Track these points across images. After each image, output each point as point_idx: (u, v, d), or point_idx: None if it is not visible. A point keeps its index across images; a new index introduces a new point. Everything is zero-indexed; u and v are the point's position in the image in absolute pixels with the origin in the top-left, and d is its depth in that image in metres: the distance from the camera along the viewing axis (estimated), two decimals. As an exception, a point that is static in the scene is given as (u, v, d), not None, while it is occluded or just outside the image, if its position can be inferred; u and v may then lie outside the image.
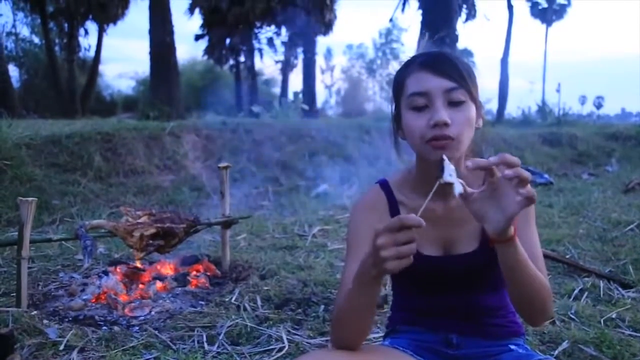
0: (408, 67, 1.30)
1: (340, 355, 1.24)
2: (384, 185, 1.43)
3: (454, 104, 1.23)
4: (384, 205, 1.39)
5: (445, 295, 1.40)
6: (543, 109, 15.52)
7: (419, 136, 1.24)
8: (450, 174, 1.12)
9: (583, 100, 16.41)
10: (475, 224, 1.34)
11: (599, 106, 15.78)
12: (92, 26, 27.30)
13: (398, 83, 1.32)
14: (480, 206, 1.14)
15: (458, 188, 1.12)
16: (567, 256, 3.64)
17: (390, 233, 1.01)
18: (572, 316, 2.57)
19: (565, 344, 2.23)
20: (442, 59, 1.26)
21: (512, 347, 1.40)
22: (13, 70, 26.55)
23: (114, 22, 25.72)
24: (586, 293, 2.92)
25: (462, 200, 1.15)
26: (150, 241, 2.86)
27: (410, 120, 1.26)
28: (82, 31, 26.63)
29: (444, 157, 1.13)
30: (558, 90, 15.80)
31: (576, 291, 2.93)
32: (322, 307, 2.74)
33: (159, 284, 3.02)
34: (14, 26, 29.31)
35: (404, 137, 1.33)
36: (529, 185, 1.06)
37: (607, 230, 4.42)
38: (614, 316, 2.56)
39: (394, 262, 1.01)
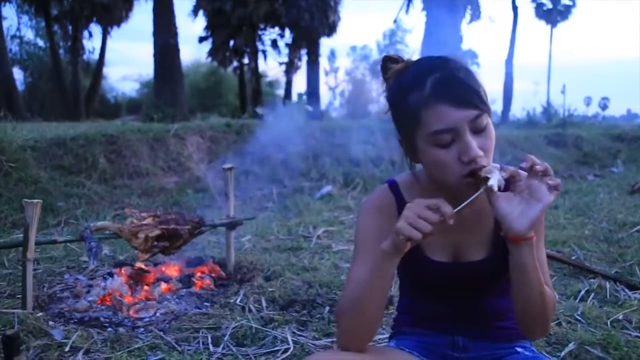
0: (420, 94, 1.17)
1: (346, 356, 1.23)
2: (393, 186, 1.39)
3: (479, 131, 1.17)
4: (392, 206, 1.35)
5: (452, 300, 1.40)
6: (548, 110, 15.51)
7: (451, 172, 1.18)
8: (498, 178, 1.16)
9: (588, 101, 16.39)
10: (485, 231, 1.34)
11: (604, 107, 15.75)
12: (96, 29, 27.41)
13: (412, 115, 1.19)
14: (506, 205, 1.16)
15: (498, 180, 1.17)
16: (573, 257, 3.63)
17: (421, 206, 1.10)
18: (579, 317, 2.56)
19: (571, 346, 2.22)
20: (457, 85, 1.16)
21: (519, 349, 1.39)
22: (18, 73, 26.66)
23: (118, 25, 25.78)
24: (592, 294, 2.91)
25: (487, 196, 1.17)
26: (155, 243, 2.86)
27: (438, 157, 1.18)
28: (86, 34, 26.70)
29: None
30: (563, 92, 15.83)
31: (582, 292, 2.92)
32: (327, 308, 2.73)
33: (163, 286, 3.03)
34: (18, 29, 29.53)
35: (419, 162, 1.28)
36: (553, 177, 1.14)
37: (613, 232, 4.41)
38: (620, 317, 2.55)
39: (410, 230, 1.09)
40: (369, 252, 1.26)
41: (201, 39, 26.40)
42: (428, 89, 1.16)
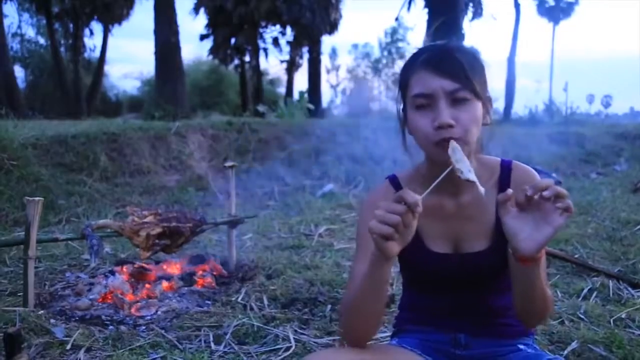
0: (412, 64, 1.28)
1: (348, 354, 1.24)
2: (393, 180, 1.43)
3: (458, 102, 1.22)
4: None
5: (453, 294, 1.40)
6: (550, 108, 15.48)
7: (424, 137, 1.25)
8: (469, 169, 1.14)
9: (591, 99, 16.29)
10: (487, 222, 1.34)
11: (607, 105, 15.66)
12: (97, 27, 27.45)
13: (403, 80, 1.31)
14: (515, 223, 1.14)
15: (481, 189, 1.13)
16: (576, 256, 3.63)
17: (388, 202, 1.08)
18: (581, 316, 2.56)
19: (574, 344, 2.22)
20: (446, 57, 1.24)
21: (521, 346, 1.40)
22: (19, 71, 26.70)
23: (119, 23, 25.83)
24: (595, 293, 2.91)
25: (500, 210, 1.16)
26: (157, 240, 2.87)
27: (415, 120, 1.26)
28: (87, 32, 26.79)
29: (455, 145, 1.15)
30: (565, 89, 15.71)
31: (585, 291, 2.92)
32: (329, 306, 2.73)
33: (165, 284, 3.03)
34: (19, 27, 29.59)
35: (411, 133, 1.33)
36: (566, 199, 1.08)
37: (616, 230, 4.40)
38: (623, 316, 2.55)
39: (380, 227, 1.06)
40: (369, 249, 1.26)
41: (202, 37, 26.42)
42: (420, 60, 1.27)
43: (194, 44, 79.02)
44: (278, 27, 27.02)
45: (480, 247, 1.34)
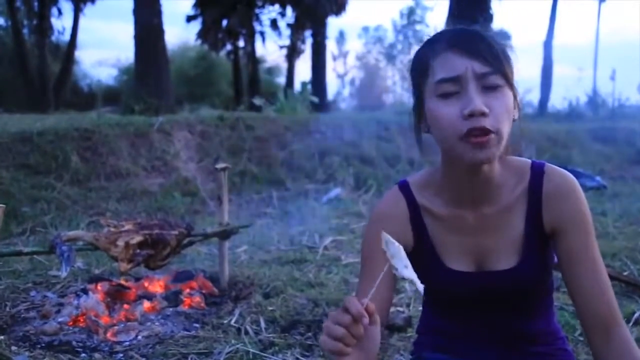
0: (433, 46, 1.25)
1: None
2: (404, 187, 1.39)
3: (489, 89, 1.19)
4: (403, 211, 1.36)
5: (478, 318, 1.39)
6: (594, 99, 15.46)
7: (450, 129, 1.19)
8: (405, 265, 1.07)
9: (643, 89, 16.26)
10: (514, 235, 1.32)
11: (661, 96, 15.63)
12: (66, 5, 27.56)
13: (421, 65, 1.27)
14: None
15: (420, 286, 1.07)
16: (625, 273, 3.62)
17: (334, 316, 1.05)
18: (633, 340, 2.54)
19: (623, 376, 2.21)
20: (474, 37, 1.22)
21: (559, 380, 1.39)
22: (-27, 57, 26.76)
23: (93, 1, 25.90)
24: (648, 316, 2.90)
25: None
26: (138, 250, 2.86)
27: (438, 110, 1.21)
28: (55, 11, 26.78)
29: (387, 237, 1.08)
30: (612, 78, 15.68)
31: (637, 315, 2.91)
32: (337, 331, 2.73)
33: (146, 304, 3.03)
34: (-26, 6, 29.58)
35: (428, 131, 1.28)
36: None
37: (672, 243, 4.39)
38: (681, 343, 2.54)
39: (327, 342, 1.04)
40: (376, 270, 1.25)
41: (189, 18, 26.48)
42: (444, 41, 1.23)
43: (180, 26, 79.21)
44: (277, 6, 27.09)
45: (508, 264, 1.33)
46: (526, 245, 1.31)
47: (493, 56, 1.20)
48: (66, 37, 27.57)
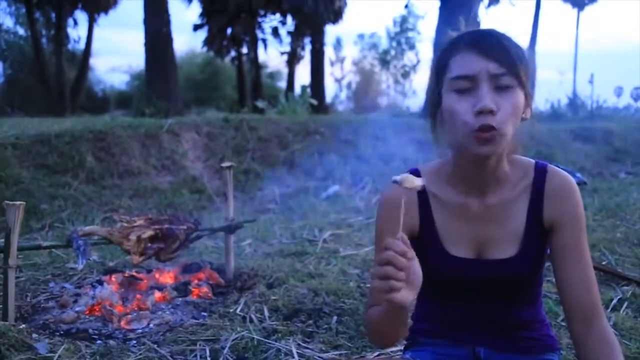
0: (454, 45, 1.27)
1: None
2: (414, 174, 1.38)
3: (501, 89, 1.21)
4: (412, 196, 1.36)
5: (474, 304, 1.38)
6: (574, 101, 15.40)
7: (461, 122, 1.22)
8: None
9: (619, 92, 16.21)
10: (516, 226, 1.32)
11: (637, 98, 15.57)
12: (81, 16, 27.42)
13: (441, 62, 1.29)
14: None
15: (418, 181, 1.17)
16: (604, 263, 3.62)
17: (379, 257, 1.10)
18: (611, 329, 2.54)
19: (603, 359, 2.21)
20: (491, 39, 1.24)
21: (547, 362, 1.39)
22: (-4, 65, 26.75)
23: (106, 12, 25.82)
24: (626, 303, 2.89)
25: None
26: (149, 244, 2.87)
27: (452, 104, 1.24)
28: (71, 21, 26.72)
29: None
30: (591, 82, 15.66)
31: (615, 301, 2.90)
32: (335, 318, 2.73)
33: (157, 294, 3.03)
34: (-4, 17, 29.47)
35: (444, 122, 1.30)
36: None
37: (648, 234, 4.39)
38: (657, 328, 2.54)
39: (381, 283, 1.09)
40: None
41: (196, 27, 26.42)
42: (463, 41, 1.26)
43: (187, 34, 79.11)
44: (278, 15, 27.01)
45: (508, 253, 1.33)
46: (526, 237, 1.32)
47: (508, 58, 1.22)
48: (81, 45, 27.57)
